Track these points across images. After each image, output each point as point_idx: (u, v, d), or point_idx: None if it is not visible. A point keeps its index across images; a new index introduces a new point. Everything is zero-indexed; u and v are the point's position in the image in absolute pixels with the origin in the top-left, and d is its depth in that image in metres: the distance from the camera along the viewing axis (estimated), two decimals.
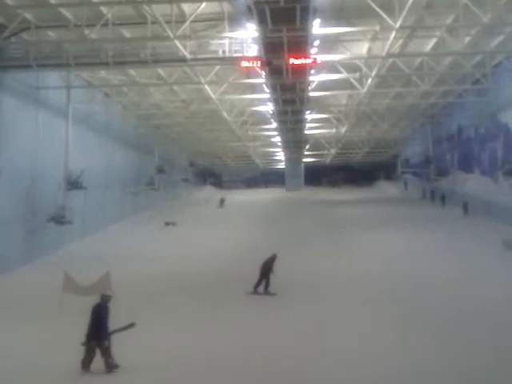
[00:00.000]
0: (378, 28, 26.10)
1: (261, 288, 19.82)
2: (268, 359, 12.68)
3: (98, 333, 12.27)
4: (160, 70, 33.36)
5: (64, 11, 24.10)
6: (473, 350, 12.84)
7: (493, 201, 37.96)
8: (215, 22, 26.60)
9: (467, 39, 28.06)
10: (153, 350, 13.37)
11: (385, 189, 76.51)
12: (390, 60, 31.82)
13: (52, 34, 27.08)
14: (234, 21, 25.29)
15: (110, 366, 12.19)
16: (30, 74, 27.54)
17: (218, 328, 15.48)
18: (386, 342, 13.67)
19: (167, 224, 41.96)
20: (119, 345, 12.38)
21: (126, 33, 26.99)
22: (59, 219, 29.07)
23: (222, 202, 58.71)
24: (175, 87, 38.97)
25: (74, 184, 31.17)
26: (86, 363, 12.29)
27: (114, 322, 15.37)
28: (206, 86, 35.27)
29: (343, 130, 55.60)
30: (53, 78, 30.75)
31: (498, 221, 35.13)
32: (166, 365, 12.56)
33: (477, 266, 22.74)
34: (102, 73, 34.03)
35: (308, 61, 25.74)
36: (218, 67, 31.57)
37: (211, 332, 15.06)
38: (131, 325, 12.67)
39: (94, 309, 12.59)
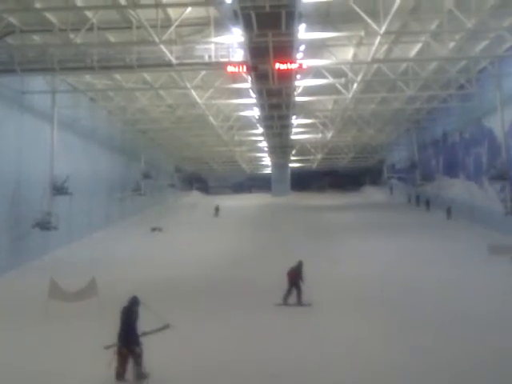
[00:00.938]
0: (363, 33, 26.27)
1: (292, 299, 18.59)
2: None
3: (129, 338, 11.53)
4: (146, 75, 33.31)
5: (49, 15, 24.05)
6: (464, 351, 13.01)
7: (476, 205, 38.38)
8: (201, 26, 26.60)
9: (452, 44, 28.37)
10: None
11: (371, 194, 76.82)
12: (375, 65, 31.99)
13: (37, 39, 26.97)
14: (220, 26, 25.28)
15: (139, 376, 11.43)
16: (14, 78, 27.35)
17: (210, 333, 15.28)
18: (383, 345, 13.78)
19: (153, 229, 41.87)
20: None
21: (112, 37, 26.88)
22: (45, 225, 28.93)
23: (216, 210, 55.63)
24: (161, 92, 38.94)
25: (59, 189, 31.00)
26: (121, 373, 11.51)
27: (103, 328, 15.36)
28: (192, 91, 35.25)
29: (329, 135, 55.74)
30: (38, 82, 30.59)
31: (480, 225, 35.88)
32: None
33: (464, 272, 22.90)
34: (88, 77, 33.96)
35: (294, 66, 25.77)
36: (204, 72, 31.59)
37: (205, 337, 14.82)
38: (166, 326, 12.07)
39: (123, 312, 11.79)
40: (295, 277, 18.79)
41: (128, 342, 11.47)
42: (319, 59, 30.50)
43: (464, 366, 12.07)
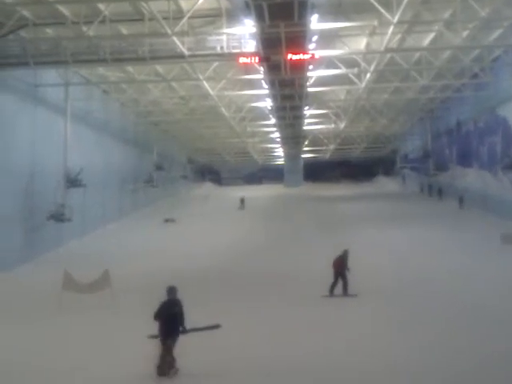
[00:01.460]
0: (376, 23, 26.19)
1: (338, 289, 18.08)
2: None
3: (174, 330, 11.01)
4: (158, 67, 33.32)
5: (61, 8, 24.02)
6: (473, 344, 12.86)
7: (489, 194, 38.25)
8: (213, 18, 26.52)
9: (465, 33, 28.12)
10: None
11: (384, 184, 76.57)
12: (388, 55, 31.82)
13: (50, 32, 27.05)
14: (232, 17, 25.23)
15: (161, 371, 10.95)
16: (28, 71, 27.47)
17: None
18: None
19: (166, 221, 42.01)
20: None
21: (124, 29, 26.88)
22: (59, 217, 29.12)
23: (242, 201, 53.13)
24: (173, 84, 38.92)
25: (73, 181, 31.21)
26: (166, 367, 10.98)
27: (117, 320, 15.43)
28: (205, 83, 35.23)
29: (342, 125, 55.54)
30: (51, 75, 30.68)
31: (493, 214, 35.86)
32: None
33: (476, 262, 22.81)
34: (100, 70, 34.03)
35: (306, 56, 25.65)
36: (216, 63, 31.49)
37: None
38: (216, 326, 11.56)
39: (164, 306, 11.14)
40: (341, 266, 18.22)
41: (174, 334, 11.03)
42: (332, 49, 30.30)
43: (471, 361, 11.85)
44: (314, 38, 26.71)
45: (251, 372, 11.52)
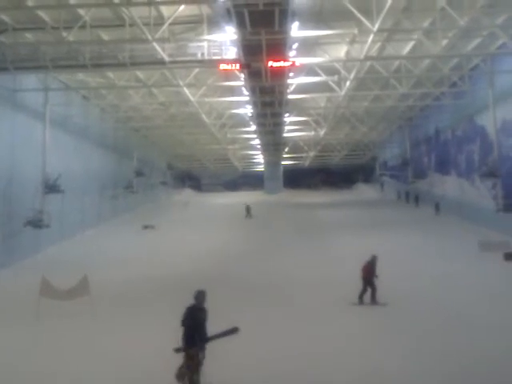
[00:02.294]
0: (356, 31, 26.35)
1: (367, 297, 17.67)
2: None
3: (199, 338, 10.30)
4: (138, 73, 33.24)
5: (41, 13, 23.94)
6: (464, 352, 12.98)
7: (464, 202, 38.76)
8: (194, 24, 26.55)
9: (444, 42, 28.37)
10: None
11: (363, 191, 76.89)
12: (368, 63, 32.04)
13: (29, 37, 26.83)
14: (213, 23, 25.26)
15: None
16: (7, 76, 27.28)
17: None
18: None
19: (145, 227, 41.75)
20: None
21: (104, 35, 26.82)
22: (37, 223, 28.87)
23: (248, 210, 50.21)
24: (154, 90, 38.83)
25: (51, 187, 30.99)
26: (187, 377, 10.30)
27: (94, 327, 15.27)
28: (185, 89, 35.18)
29: (322, 132, 55.69)
30: (30, 80, 30.51)
31: (468, 221, 36.46)
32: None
33: (459, 267, 23.08)
34: (80, 75, 33.83)
35: (287, 63, 25.76)
36: (196, 70, 31.50)
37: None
38: (234, 329, 10.69)
39: (190, 311, 10.46)
40: (369, 273, 17.80)
41: (198, 342, 10.32)
42: (312, 57, 30.48)
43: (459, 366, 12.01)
44: (295, 46, 26.83)
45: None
